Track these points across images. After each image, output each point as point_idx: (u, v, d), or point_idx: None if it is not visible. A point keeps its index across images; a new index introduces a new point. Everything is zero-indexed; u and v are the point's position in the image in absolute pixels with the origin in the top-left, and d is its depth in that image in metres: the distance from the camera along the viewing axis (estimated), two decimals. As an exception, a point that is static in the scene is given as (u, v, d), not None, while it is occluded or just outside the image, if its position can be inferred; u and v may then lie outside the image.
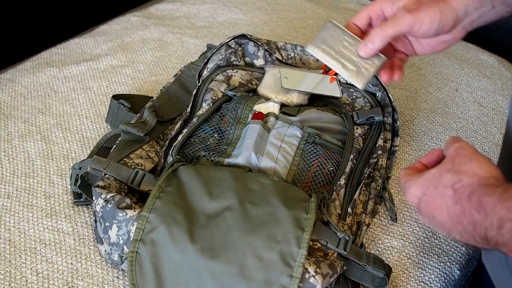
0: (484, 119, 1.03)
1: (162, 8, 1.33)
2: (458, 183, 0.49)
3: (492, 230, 0.45)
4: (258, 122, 0.80)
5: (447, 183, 0.49)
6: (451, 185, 0.49)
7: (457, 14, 0.59)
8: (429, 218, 0.52)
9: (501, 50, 1.28)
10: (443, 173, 0.51)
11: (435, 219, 0.51)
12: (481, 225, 0.46)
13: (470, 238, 0.48)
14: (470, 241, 0.48)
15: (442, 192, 0.50)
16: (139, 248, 0.64)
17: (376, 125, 0.86)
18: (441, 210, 0.50)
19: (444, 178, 0.50)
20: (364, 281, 0.69)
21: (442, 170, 0.51)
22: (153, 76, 1.07)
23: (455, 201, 0.48)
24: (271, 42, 0.96)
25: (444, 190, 0.49)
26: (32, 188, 0.82)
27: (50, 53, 1.14)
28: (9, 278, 0.70)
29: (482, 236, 0.46)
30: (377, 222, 0.81)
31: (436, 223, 0.51)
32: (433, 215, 0.51)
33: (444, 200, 0.49)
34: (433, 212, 0.51)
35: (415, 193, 0.53)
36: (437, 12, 0.58)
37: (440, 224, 0.51)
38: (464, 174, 0.49)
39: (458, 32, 0.61)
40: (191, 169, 0.71)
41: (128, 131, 0.81)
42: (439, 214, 0.50)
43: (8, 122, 0.94)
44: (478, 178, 0.48)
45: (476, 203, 0.47)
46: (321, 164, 0.79)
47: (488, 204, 0.46)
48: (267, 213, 0.66)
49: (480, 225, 0.46)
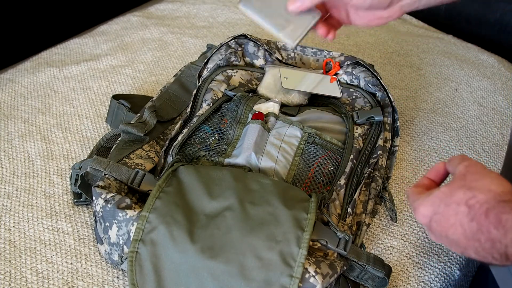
0: (484, 119, 1.03)
1: (162, 8, 1.33)
2: (472, 199, 0.47)
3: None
4: (258, 122, 0.80)
5: (459, 200, 0.48)
6: (465, 202, 0.48)
7: None
8: (441, 237, 0.51)
9: (501, 50, 1.28)
10: (455, 190, 0.49)
11: (448, 238, 0.49)
12: (501, 242, 0.45)
13: (487, 255, 0.47)
14: (487, 258, 0.47)
15: (455, 209, 0.48)
16: (139, 248, 0.64)
17: (376, 125, 0.86)
18: (455, 228, 0.48)
19: (456, 196, 0.49)
20: (364, 281, 0.69)
21: (453, 188, 0.50)
22: (153, 76, 1.07)
23: (470, 218, 0.47)
24: (271, 42, 0.96)
25: (458, 207, 0.48)
26: (32, 188, 0.82)
27: (50, 53, 1.14)
28: (9, 278, 0.70)
29: (502, 253, 0.45)
30: (377, 222, 0.81)
31: (449, 242, 0.50)
32: (446, 234, 0.49)
33: (458, 217, 0.48)
34: (446, 231, 0.49)
35: (425, 212, 0.51)
36: None
37: (454, 242, 0.49)
38: (477, 190, 0.48)
39: (395, 11, 0.60)
40: (191, 169, 0.71)
41: (128, 131, 0.81)
42: (453, 233, 0.48)
43: (8, 122, 0.94)
44: (493, 194, 0.47)
45: (494, 220, 0.45)
46: (321, 164, 0.79)
47: (508, 221, 0.44)
48: (267, 213, 0.66)
49: (500, 242, 0.45)
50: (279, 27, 0.61)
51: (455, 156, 0.55)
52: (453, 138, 0.97)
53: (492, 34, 1.36)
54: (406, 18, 1.39)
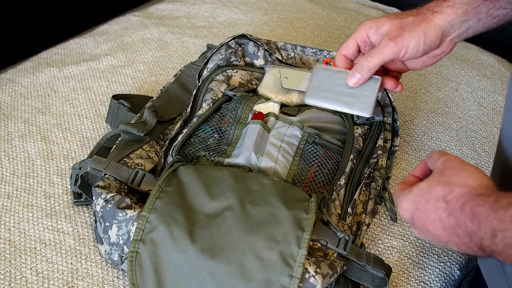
0: (484, 119, 1.03)
1: (162, 8, 1.33)
2: (450, 194, 0.48)
3: (486, 239, 0.45)
4: (258, 122, 0.80)
5: (438, 196, 0.49)
6: (443, 197, 0.49)
7: (442, 32, 0.59)
8: (424, 232, 0.52)
9: (501, 50, 1.28)
10: (433, 186, 0.50)
11: (430, 233, 0.50)
12: (476, 235, 0.46)
13: (467, 249, 0.48)
14: (468, 251, 0.48)
15: (434, 205, 0.49)
16: (139, 248, 0.64)
17: (376, 125, 0.86)
18: (435, 224, 0.49)
19: (435, 191, 0.50)
20: (364, 281, 0.69)
21: (431, 183, 0.50)
22: (153, 76, 1.07)
23: (448, 213, 0.48)
24: (271, 42, 0.96)
25: (436, 203, 0.49)
26: (32, 188, 0.82)
27: (50, 53, 1.14)
28: (9, 278, 0.70)
29: (478, 245, 0.46)
30: (377, 222, 0.81)
31: (431, 237, 0.51)
32: (428, 229, 0.50)
33: (437, 213, 0.49)
34: (427, 226, 0.50)
35: (407, 208, 0.52)
36: (420, 35, 0.59)
37: (436, 237, 0.50)
38: (455, 185, 0.48)
39: (446, 46, 0.62)
40: (191, 169, 0.71)
41: (128, 131, 0.81)
42: (434, 228, 0.49)
43: (8, 122, 0.94)
44: (469, 188, 0.48)
45: (469, 214, 0.46)
46: (321, 164, 0.79)
47: (481, 214, 0.45)
48: (267, 213, 0.66)
49: (475, 235, 0.46)
50: (350, 106, 0.64)
51: (434, 151, 0.55)
52: (453, 138, 0.97)
53: (492, 34, 1.36)
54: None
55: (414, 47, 0.59)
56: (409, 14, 0.60)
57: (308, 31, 1.26)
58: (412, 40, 0.59)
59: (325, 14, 1.33)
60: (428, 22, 0.59)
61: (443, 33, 0.60)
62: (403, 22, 0.59)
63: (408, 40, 0.59)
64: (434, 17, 0.59)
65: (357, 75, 0.62)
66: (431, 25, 0.59)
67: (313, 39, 1.23)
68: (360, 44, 0.64)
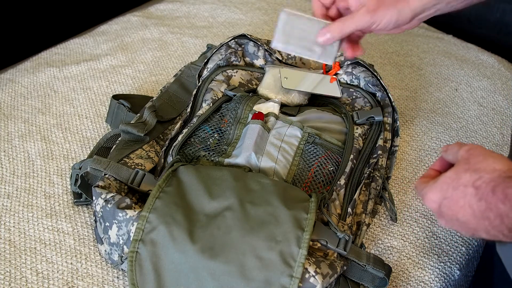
0: (484, 119, 1.03)
1: (162, 8, 1.33)
2: (479, 180, 0.49)
3: None
4: (258, 122, 0.80)
5: (467, 182, 0.50)
6: (472, 183, 0.50)
7: (415, 12, 0.62)
8: (452, 221, 0.52)
9: (501, 50, 1.28)
10: (461, 174, 0.51)
11: (458, 221, 0.51)
12: (508, 216, 0.47)
13: (497, 233, 0.49)
14: (498, 236, 0.49)
15: (463, 192, 0.50)
16: (139, 248, 0.64)
17: (376, 125, 0.86)
18: (464, 210, 0.50)
19: (463, 178, 0.51)
20: (364, 281, 0.69)
21: (458, 171, 0.51)
22: (153, 76, 1.07)
23: (478, 198, 0.49)
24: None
25: (465, 189, 0.50)
26: (32, 188, 0.82)
27: (50, 53, 1.14)
28: (9, 278, 0.70)
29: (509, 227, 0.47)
30: (377, 222, 0.81)
31: (459, 225, 0.52)
32: (457, 217, 0.51)
33: (466, 199, 0.50)
34: (456, 214, 0.51)
35: (434, 198, 0.53)
36: (395, 12, 0.62)
37: (464, 224, 0.51)
38: (482, 171, 0.50)
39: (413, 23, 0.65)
40: (191, 169, 0.71)
41: (128, 131, 0.81)
42: (463, 215, 0.50)
43: (8, 122, 0.94)
44: (498, 172, 0.49)
45: (501, 196, 0.47)
46: (321, 164, 0.79)
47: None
48: (267, 213, 0.66)
49: (507, 216, 0.47)
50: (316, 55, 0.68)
51: (450, 145, 0.57)
52: (453, 138, 0.97)
53: (492, 34, 1.36)
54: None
55: (386, 23, 0.63)
56: None
57: (308, 31, 1.26)
58: (386, 17, 0.62)
59: (325, 14, 1.33)
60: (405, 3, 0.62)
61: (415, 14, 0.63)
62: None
63: (383, 15, 0.62)
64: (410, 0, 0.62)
65: (328, 35, 0.65)
66: (406, 6, 0.62)
67: (313, 39, 1.23)
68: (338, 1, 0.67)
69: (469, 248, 0.81)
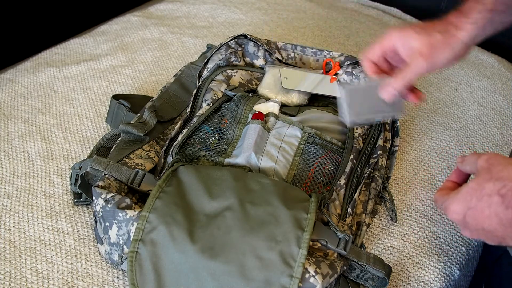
0: (484, 119, 1.03)
1: (162, 8, 1.33)
2: (503, 188, 0.49)
3: None
4: (258, 122, 0.80)
5: (491, 192, 0.50)
6: (497, 192, 0.50)
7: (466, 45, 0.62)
8: (477, 231, 0.52)
9: (501, 50, 1.28)
10: (484, 184, 0.51)
11: (484, 230, 0.51)
12: None
13: None
14: None
15: (487, 201, 0.50)
16: (139, 248, 0.64)
17: (376, 125, 0.86)
18: (490, 219, 0.50)
19: (486, 188, 0.51)
20: (364, 281, 0.69)
21: (480, 181, 0.51)
22: (153, 76, 1.07)
23: (505, 206, 0.49)
24: (271, 42, 0.96)
25: (490, 199, 0.50)
26: (32, 188, 0.82)
27: (50, 53, 1.14)
28: (9, 278, 0.70)
29: None
30: (377, 222, 0.81)
31: (485, 234, 0.52)
32: (482, 226, 0.51)
33: (492, 208, 0.50)
34: (481, 224, 0.51)
35: (457, 210, 0.53)
36: (450, 51, 0.62)
37: (491, 233, 0.51)
38: (506, 179, 0.50)
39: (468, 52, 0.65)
40: (191, 169, 0.71)
41: (128, 131, 0.81)
42: (489, 224, 0.51)
43: (8, 122, 0.94)
44: None
45: None
46: (321, 164, 0.79)
47: None
48: (267, 213, 0.66)
49: None
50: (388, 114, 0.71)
51: (466, 156, 0.57)
52: (453, 138, 0.97)
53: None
54: (406, 18, 1.39)
55: (443, 62, 0.62)
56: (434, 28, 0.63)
57: (308, 31, 1.26)
58: (442, 57, 0.62)
59: (325, 14, 1.33)
60: (456, 39, 0.62)
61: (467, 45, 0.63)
62: (432, 40, 0.62)
63: (439, 57, 0.62)
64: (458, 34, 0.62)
65: (392, 90, 0.65)
66: (458, 42, 0.62)
67: (313, 39, 1.23)
68: (387, 53, 0.66)
69: (469, 248, 0.81)
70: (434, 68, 0.63)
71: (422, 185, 0.88)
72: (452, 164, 0.92)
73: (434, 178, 0.89)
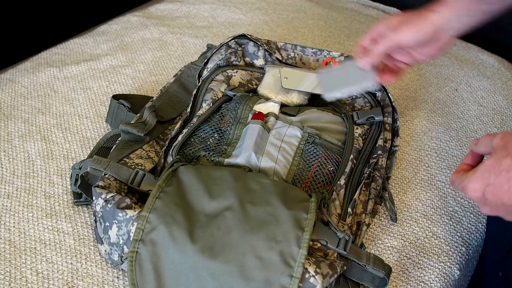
0: (484, 119, 1.03)
1: (162, 8, 1.33)
2: None
3: None
4: (258, 122, 0.80)
5: (508, 167, 0.52)
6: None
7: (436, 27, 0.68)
8: (497, 207, 0.54)
9: (501, 50, 1.28)
10: (501, 160, 0.53)
11: (504, 205, 0.53)
12: None
13: None
14: None
15: (506, 176, 0.52)
16: (139, 248, 0.64)
17: (376, 125, 0.86)
18: (510, 194, 0.52)
19: (504, 164, 0.52)
20: (364, 281, 0.69)
21: (498, 158, 0.53)
22: (153, 76, 1.07)
23: None
24: (271, 42, 0.96)
25: (508, 174, 0.52)
26: (32, 188, 0.82)
27: (50, 53, 1.14)
28: (9, 278, 0.70)
29: None
30: (377, 222, 0.81)
31: (505, 209, 0.53)
32: (502, 202, 0.53)
33: (511, 183, 0.51)
34: (501, 199, 0.53)
35: (476, 187, 0.54)
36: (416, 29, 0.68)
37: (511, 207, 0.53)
38: None
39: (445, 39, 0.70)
40: (191, 169, 0.71)
41: (128, 131, 0.81)
42: (509, 198, 0.52)
43: (8, 122, 0.94)
44: None
45: None
46: (321, 164, 0.79)
47: None
48: (267, 213, 0.66)
49: None
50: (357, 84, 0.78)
51: (480, 138, 0.59)
52: (453, 138, 0.97)
53: (492, 34, 1.35)
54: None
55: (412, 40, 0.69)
56: (413, 12, 0.70)
57: (308, 31, 1.26)
58: (410, 33, 0.69)
59: (325, 14, 1.33)
60: (425, 18, 0.68)
61: (438, 28, 0.68)
62: (404, 18, 0.70)
63: (407, 34, 0.69)
64: (430, 16, 0.68)
65: (368, 59, 0.73)
66: (426, 21, 0.68)
67: (313, 39, 1.23)
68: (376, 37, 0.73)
69: (469, 248, 0.81)
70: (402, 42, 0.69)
71: (422, 185, 0.88)
72: (452, 164, 0.92)
73: (434, 178, 0.89)
